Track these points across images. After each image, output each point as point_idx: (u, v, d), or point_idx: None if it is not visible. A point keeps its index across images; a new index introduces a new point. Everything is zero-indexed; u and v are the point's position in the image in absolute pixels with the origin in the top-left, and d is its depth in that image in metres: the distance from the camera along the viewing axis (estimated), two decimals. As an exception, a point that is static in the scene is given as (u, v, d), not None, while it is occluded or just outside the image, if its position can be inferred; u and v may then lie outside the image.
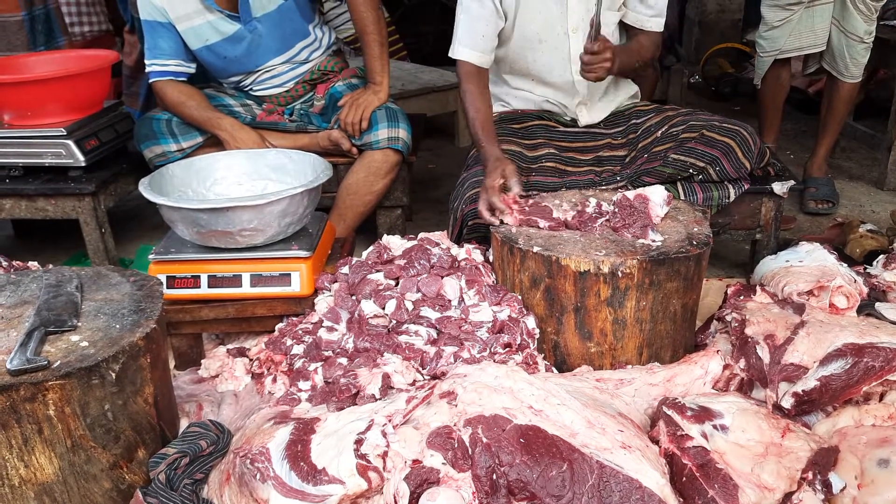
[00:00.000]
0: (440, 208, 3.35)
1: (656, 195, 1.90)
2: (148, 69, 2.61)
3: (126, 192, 2.80)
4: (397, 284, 2.01)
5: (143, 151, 2.61)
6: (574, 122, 2.48)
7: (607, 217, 1.94)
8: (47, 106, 2.55)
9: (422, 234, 2.17)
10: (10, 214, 2.62)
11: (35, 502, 1.43)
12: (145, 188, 1.99)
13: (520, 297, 1.90)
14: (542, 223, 1.95)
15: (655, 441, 1.53)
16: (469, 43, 2.27)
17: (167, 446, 1.56)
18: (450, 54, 2.31)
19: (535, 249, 1.83)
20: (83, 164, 2.58)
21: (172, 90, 2.59)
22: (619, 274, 1.76)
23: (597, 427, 1.44)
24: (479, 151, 2.20)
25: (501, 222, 1.99)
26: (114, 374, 1.44)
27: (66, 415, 1.40)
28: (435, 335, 1.86)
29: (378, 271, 2.05)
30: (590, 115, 2.46)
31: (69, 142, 2.56)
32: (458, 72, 2.32)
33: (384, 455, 1.43)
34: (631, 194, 1.91)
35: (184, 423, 1.75)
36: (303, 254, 2.05)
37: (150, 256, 2.02)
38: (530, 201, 2.06)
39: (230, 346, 2.13)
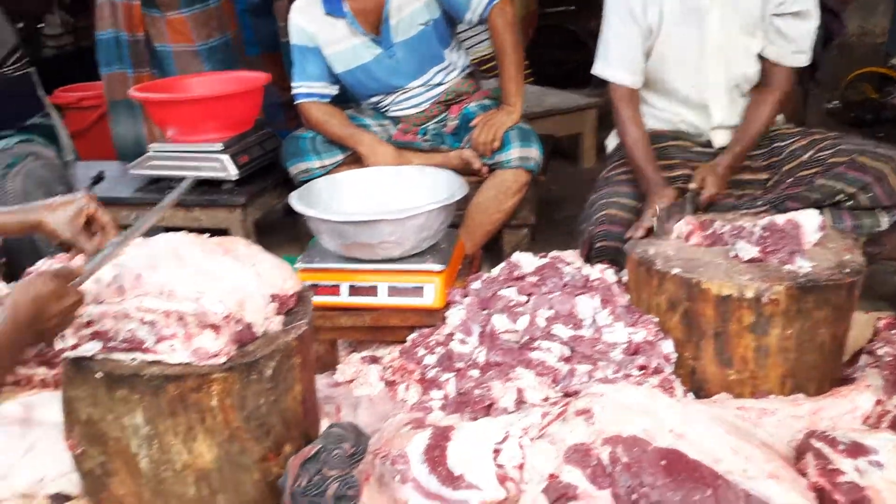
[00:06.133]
0: (563, 229, 3.34)
1: (809, 220, 1.83)
2: (294, 91, 2.79)
3: (270, 205, 2.97)
4: (528, 301, 2.03)
5: (288, 168, 2.77)
6: (709, 143, 2.43)
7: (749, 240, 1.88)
8: (206, 123, 2.76)
9: (553, 252, 2.19)
10: (169, 223, 2.84)
11: (193, 487, 1.54)
12: (296, 201, 2.11)
13: (656, 320, 1.88)
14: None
15: (802, 474, 1.47)
16: (621, 64, 2.27)
17: (311, 444, 1.64)
18: (597, 73, 2.32)
19: (675, 271, 1.81)
20: (236, 178, 2.77)
21: (317, 110, 2.75)
22: (765, 300, 1.71)
23: (742, 455, 1.40)
24: (639, 178, 2.20)
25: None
26: (270, 371, 1.54)
27: (226, 406, 1.50)
28: (568, 353, 1.86)
29: (509, 287, 2.08)
30: (725, 138, 2.41)
31: (224, 156, 2.76)
32: (611, 94, 2.31)
33: (520, 467, 1.44)
34: (780, 219, 1.85)
35: (324, 423, 1.84)
36: (436, 267, 2.12)
37: (297, 265, 2.14)
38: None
39: (364, 354, 2.22)
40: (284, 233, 3.44)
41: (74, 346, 1.51)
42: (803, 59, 2.25)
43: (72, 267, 1.42)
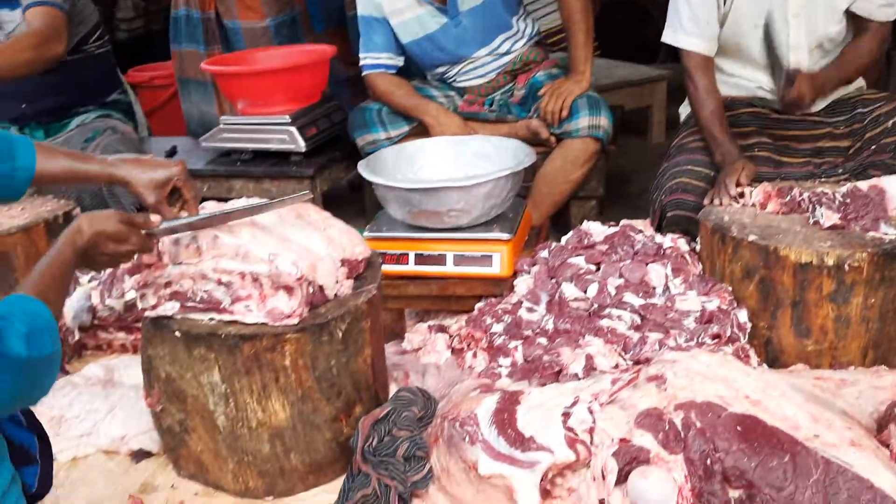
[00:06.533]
0: (632, 203, 3.28)
1: (894, 186, 1.75)
2: (362, 62, 2.80)
3: (337, 177, 3.00)
4: (598, 270, 2.01)
5: (355, 140, 2.80)
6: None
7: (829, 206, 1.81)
8: (274, 95, 2.80)
9: (624, 221, 2.15)
10: (239, 194, 2.90)
11: (268, 444, 1.59)
12: (364, 169, 2.13)
13: (730, 289, 1.83)
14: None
15: (885, 445, 1.42)
16: (694, 30, 2.19)
17: (381, 406, 1.66)
18: (667, 40, 2.26)
19: (751, 238, 1.75)
20: (304, 150, 2.81)
21: (383, 81, 2.76)
22: (846, 268, 1.65)
23: (822, 423, 1.35)
24: (714, 148, 2.14)
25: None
26: (340, 333, 1.56)
27: (298, 366, 1.54)
28: (638, 321, 1.83)
29: (578, 255, 2.05)
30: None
31: (293, 128, 2.80)
32: (685, 63, 2.24)
33: (591, 431, 1.43)
34: (864, 184, 1.77)
35: (392, 389, 1.86)
36: (504, 236, 2.11)
37: (365, 234, 2.16)
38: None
39: (431, 323, 2.23)
40: (351, 206, 3.47)
41: (154, 306, 1.57)
42: (892, 13, 2.15)
43: (147, 218, 1.46)
